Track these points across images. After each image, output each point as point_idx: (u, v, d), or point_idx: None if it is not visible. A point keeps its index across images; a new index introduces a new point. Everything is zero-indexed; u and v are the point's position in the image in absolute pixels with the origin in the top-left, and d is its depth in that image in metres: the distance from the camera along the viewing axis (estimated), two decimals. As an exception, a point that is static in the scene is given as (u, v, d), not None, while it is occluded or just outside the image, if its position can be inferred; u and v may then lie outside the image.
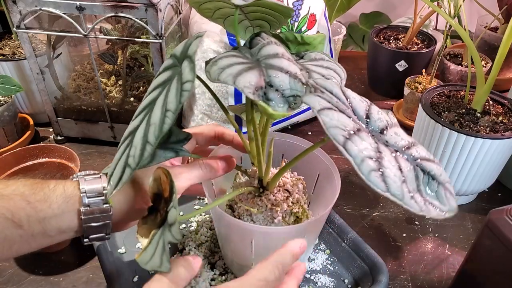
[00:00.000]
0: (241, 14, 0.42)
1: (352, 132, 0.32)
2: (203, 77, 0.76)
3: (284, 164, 0.53)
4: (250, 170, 0.52)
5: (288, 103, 0.33)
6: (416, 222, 0.68)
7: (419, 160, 0.35)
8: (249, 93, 0.32)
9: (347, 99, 0.35)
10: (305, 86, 0.35)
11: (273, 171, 0.52)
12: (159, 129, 0.34)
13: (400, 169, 0.33)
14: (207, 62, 0.36)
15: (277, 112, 0.32)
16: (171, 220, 0.36)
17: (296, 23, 0.76)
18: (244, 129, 0.77)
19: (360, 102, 0.36)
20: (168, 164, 0.44)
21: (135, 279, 0.57)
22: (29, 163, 0.62)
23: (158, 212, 0.40)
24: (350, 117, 0.33)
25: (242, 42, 0.53)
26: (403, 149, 0.35)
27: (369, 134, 0.33)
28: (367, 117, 0.36)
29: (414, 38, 0.97)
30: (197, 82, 0.74)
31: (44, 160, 0.62)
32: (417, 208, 0.31)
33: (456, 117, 0.65)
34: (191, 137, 0.43)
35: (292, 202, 0.51)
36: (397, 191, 0.31)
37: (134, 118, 0.38)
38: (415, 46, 0.95)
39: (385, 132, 0.35)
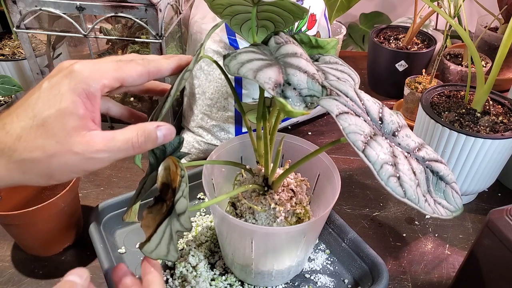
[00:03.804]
0: (251, 13, 0.43)
1: (369, 137, 0.32)
2: (202, 77, 0.76)
3: (288, 164, 0.54)
4: (254, 169, 0.52)
5: (305, 102, 0.34)
6: (416, 222, 0.68)
7: (428, 161, 0.36)
8: (269, 88, 0.33)
9: (361, 101, 0.36)
10: (322, 87, 0.35)
11: (277, 171, 0.52)
12: (159, 111, 0.38)
13: (414, 172, 0.34)
14: (225, 56, 0.37)
15: (295, 110, 0.33)
16: (180, 210, 0.37)
17: (296, 23, 0.76)
18: (243, 129, 0.77)
19: (373, 104, 0.37)
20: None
21: (135, 279, 0.57)
22: None
23: (164, 202, 0.40)
24: (366, 121, 0.34)
25: (244, 43, 0.53)
26: (414, 151, 0.36)
27: (384, 137, 0.34)
28: (380, 119, 0.36)
29: (414, 38, 0.97)
30: (196, 82, 0.74)
31: None
32: (430, 211, 0.33)
33: (456, 117, 0.65)
34: (183, 139, 0.44)
35: (295, 203, 0.51)
36: (413, 196, 0.32)
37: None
38: (415, 46, 0.95)
39: (397, 134, 0.36)
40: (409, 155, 0.35)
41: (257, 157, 0.51)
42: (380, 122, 0.36)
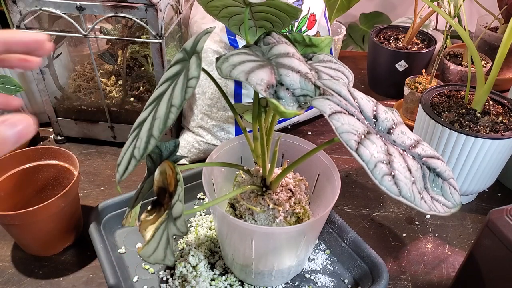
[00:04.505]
0: (248, 14, 0.43)
1: (363, 136, 0.32)
2: (202, 77, 0.76)
3: (287, 164, 0.54)
4: (252, 169, 0.52)
5: (298, 102, 0.33)
6: (416, 222, 0.68)
7: (425, 158, 0.36)
8: (261, 90, 0.33)
9: (354, 100, 0.36)
10: (315, 87, 0.35)
11: (276, 171, 0.52)
12: (164, 123, 0.35)
13: (409, 170, 0.33)
14: (217, 59, 0.36)
15: (288, 110, 0.33)
16: (176, 214, 0.37)
17: (296, 23, 0.76)
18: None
19: (367, 103, 0.37)
20: None
21: (135, 279, 0.57)
22: (28, 165, 0.62)
23: (162, 207, 0.40)
24: (359, 120, 0.34)
25: (243, 42, 0.52)
26: (410, 148, 0.36)
27: (378, 135, 0.34)
28: (375, 117, 0.36)
29: (414, 38, 0.97)
30: (197, 82, 0.74)
31: (43, 162, 0.62)
32: (426, 208, 0.32)
33: (456, 117, 0.65)
34: (178, 142, 0.43)
35: (294, 203, 0.51)
36: (408, 194, 0.32)
37: (144, 109, 0.40)
38: (415, 46, 0.95)
39: (392, 131, 0.36)
40: (404, 152, 0.35)
41: (254, 157, 0.51)
42: (374, 120, 0.36)
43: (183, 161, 0.78)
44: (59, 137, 0.83)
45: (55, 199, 0.54)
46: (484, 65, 0.88)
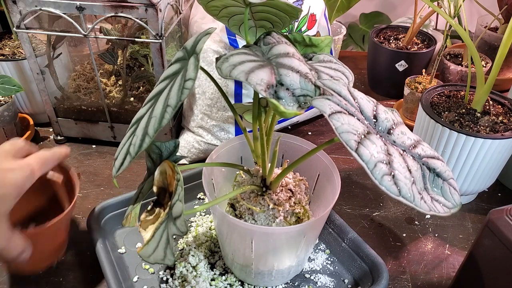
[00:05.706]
0: (248, 14, 0.43)
1: (363, 136, 0.32)
2: (202, 77, 0.76)
3: (287, 164, 0.54)
4: (252, 169, 0.52)
5: (298, 102, 0.33)
6: (416, 222, 0.68)
7: (425, 158, 0.36)
8: (261, 90, 0.33)
9: (354, 100, 0.36)
10: (315, 87, 0.35)
11: (276, 171, 0.52)
12: (158, 123, 0.36)
13: (409, 170, 0.33)
14: (217, 59, 0.37)
15: (288, 110, 0.33)
16: (176, 213, 0.37)
17: (296, 23, 0.76)
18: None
19: (367, 103, 0.37)
20: None
21: (135, 279, 0.57)
22: None
23: (162, 206, 0.40)
24: (359, 120, 0.34)
25: (243, 42, 0.52)
26: (410, 148, 0.36)
27: (378, 135, 0.34)
28: (375, 117, 0.36)
29: (414, 38, 0.97)
30: (196, 82, 0.74)
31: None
32: (426, 208, 0.32)
33: (456, 117, 0.65)
34: (178, 142, 0.43)
35: (294, 203, 0.51)
36: (408, 194, 0.32)
37: (143, 105, 0.40)
38: (415, 46, 0.95)
39: (392, 131, 0.36)
40: (404, 152, 0.35)
41: (254, 157, 0.51)
42: (374, 120, 0.36)
43: (183, 161, 0.78)
44: (59, 137, 0.83)
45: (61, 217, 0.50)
46: (484, 65, 0.88)
